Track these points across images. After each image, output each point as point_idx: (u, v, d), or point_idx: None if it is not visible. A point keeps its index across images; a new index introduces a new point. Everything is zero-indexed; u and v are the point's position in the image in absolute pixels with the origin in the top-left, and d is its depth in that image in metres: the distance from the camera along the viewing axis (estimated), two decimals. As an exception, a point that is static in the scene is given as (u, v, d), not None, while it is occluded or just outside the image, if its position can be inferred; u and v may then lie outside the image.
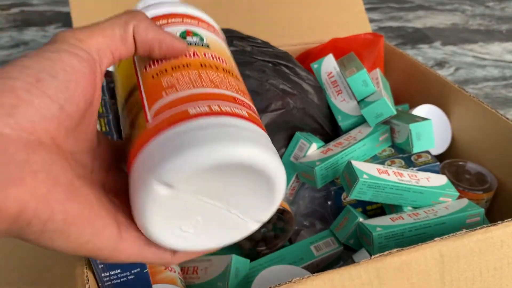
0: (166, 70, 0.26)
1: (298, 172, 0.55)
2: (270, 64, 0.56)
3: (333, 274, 0.33)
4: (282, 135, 0.56)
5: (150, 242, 0.24)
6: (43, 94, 0.20)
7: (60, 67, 0.21)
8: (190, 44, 0.28)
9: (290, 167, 0.56)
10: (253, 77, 0.53)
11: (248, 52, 0.56)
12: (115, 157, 0.27)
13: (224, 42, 0.32)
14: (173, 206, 0.23)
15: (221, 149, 0.22)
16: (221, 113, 0.23)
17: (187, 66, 0.26)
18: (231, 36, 0.57)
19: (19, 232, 0.19)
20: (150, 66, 0.26)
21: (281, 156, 0.57)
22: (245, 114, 0.25)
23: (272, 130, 0.54)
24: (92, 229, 0.21)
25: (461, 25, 1.45)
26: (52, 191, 0.19)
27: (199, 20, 0.32)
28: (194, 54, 0.27)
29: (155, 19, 0.30)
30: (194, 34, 0.29)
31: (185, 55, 0.27)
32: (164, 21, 0.29)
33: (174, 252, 0.26)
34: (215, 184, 0.23)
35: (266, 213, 0.27)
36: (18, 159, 0.18)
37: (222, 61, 0.28)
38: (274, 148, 0.25)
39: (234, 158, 0.22)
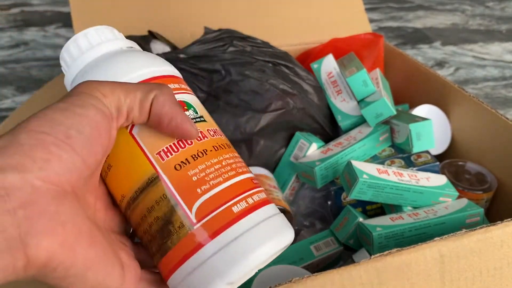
0: (188, 161, 0.26)
1: (298, 172, 0.55)
2: (270, 64, 0.56)
3: (333, 274, 0.33)
4: (282, 135, 0.56)
5: (145, 278, 0.26)
6: (71, 150, 0.21)
7: (87, 123, 0.22)
8: (193, 120, 0.28)
9: (290, 167, 0.56)
10: (253, 77, 0.53)
11: (248, 52, 0.56)
12: (109, 194, 0.28)
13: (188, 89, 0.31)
14: None
15: (273, 246, 0.25)
16: (256, 206, 0.26)
17: (205, 153, 0.26)
18: (231, 36, 0.57)
19: (44, 277, 0.20)
20: (166, 154, 0.26)
21: (281, 156, 0.57)
22: (264, 196, 0.28)
23: (272, 130, 0.54)
24: (106, 270, 0.22)
25: (461, 25, 1.45)
26: (78, 240, 0.21)
27: (178, 80, 0.30)
28: (203, 136, 0.27)
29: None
30: (188, 106, 0.29)
31: (196, 140, 0.27)
32: None
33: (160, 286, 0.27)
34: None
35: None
36: (50, 210, 0.19)
37: (220, 134, 0.29)
38: (284, 218, 0.28)
39: (281, 247, 0.26)
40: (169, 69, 0.30)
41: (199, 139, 0.27)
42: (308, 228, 0.55)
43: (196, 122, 0.28)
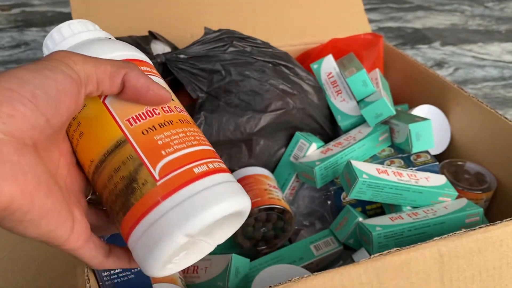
0: (154, 128, 0.28)
1: (298, 172, 0.55)
2: (270, 64, 0.56)
3: (333, 273, 0.33)
4: (282, 135, 0.56)
5: (93, 240, 0.28)
6: (35, 108, 0.23)
7: (54, 86, 0.24)
8: None
9: (290, 167, 0.56)
10: (253, 77, 0.53)
11: (248, 52, 0.56)
12: (73, 153, 0.30)
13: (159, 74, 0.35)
14: (180, 248, 0.26)
15: (232, 203, 0.27)
16: (216, 171, 0.28)
17: (171, 123, 0.29)
18: (231, 36, 0.57)
19: (2, 219, 0.22)
20: (135, 121, 0.28)
21: (280, 156, 0.57)
22: (224, 166, 0.30)
23: (272, 130, 0.55)
24: (58, 220, 0.24)
25: (460, 25, 1.45)
26: (36, 189, 0.22)
27: (149, 65, 0.33)
28: (169, 110, 0.30)
29: None
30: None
31: (163, 110, 0.29)
32: None
33: (107, 256, 0.29)
34: (214, 227, 0.28)
35: (226, 237, 0.32)
36: (12, 159, 0.21)
37: (184, 111, 0.32)
38: (242, 188, 0.30)
39: (237, 209, 0.27)
40: (142, 56, 0.33)
41: (166, 111, 0.29)
42: (308, 228, 0.55)
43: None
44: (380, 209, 0.54)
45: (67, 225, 0.25)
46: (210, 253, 0.50)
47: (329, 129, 0.60)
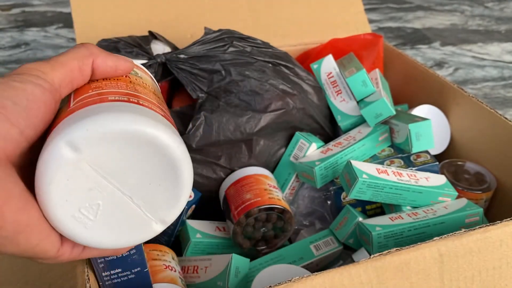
0: (97, 80, 0.30)
1: (298, 172, 0.55)
2: (270, 65, 0.56)
3: (333, 273, 0.33)
4: (282, 135, 0.56)
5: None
6: (5, 119, 0.22)
7: (23, 96, 0.23)
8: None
9: (290, 167, 0.56)
10: (253, 77, 0.53)
11: (248, 52, 0.56)
12: None
13: (153, 79, 0.37)
14: (75, 179, 0.23)
15: (126, 118, 0.24)
16: (138, 104, 0.26)
17: (117, 79, 0.30)
18: (231, 37, 0.57)
19: None
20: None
21: (280, 156, 0.57)
22: (160, 111, 0.28)
23: (272, 130, 0.55)
24: (39, 235, 0.23)
25: (460, 25, 1.45)
26: (6, 204, 0.21)
27: (137, 67, 0.36)
28: (125, 76, 0.31)
29: None
30: (133, 72, 0.34)
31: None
32: None
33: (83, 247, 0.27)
34: (121, 164, 0.24)
35: (171, 213, 0.27)
36: None
37: (148, 85, 0.33)
38: (181, 139, 0.26)
39: (138, 129, 0.24)
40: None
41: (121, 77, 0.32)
42: (308, 228, 0.55)
43: (130, 74, 0.32)
44: (380, 209, 0.54)
45: (53, 237, 0.24)
46: (210, 253, 0.50)
47: (329, 129, 0.60)
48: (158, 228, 0.27)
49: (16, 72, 0.25)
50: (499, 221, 0.38)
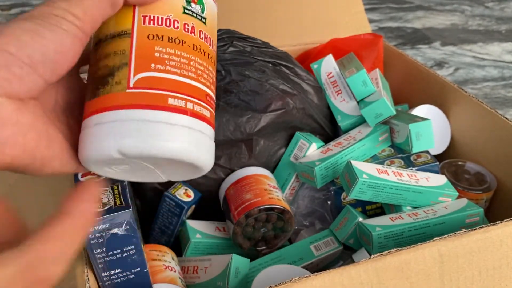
0: (162, 38, 0.27)
1: (298, 172, 0.55)
2: (270, 64, 0.56)
3: (333, 273, 0.33)
4: (282, 135, 0.56)
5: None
6: (33, 72, 0.23)
7: (53, 49, 0.23)
8: (192, 14, 0.28)
9: (290, 167, 0.56)
10: (253, 77, 0.53)
11: (248, 52, 0.56)
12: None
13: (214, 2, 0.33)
14: (118, 161, 0.26)
15: (178, 149, 0.25)
16: (192, 114, 0.26)
17: (182, 43, 0.27)
18: (231, 36, 0.57)
19: (8, 169, 0.24)
20: (150, 21, 0.27)
21: (280, 156, 0.57)
22: (207, 115, 0.28)
23: (272, 130, 0.55)
24: (61, 163, 0.26)
25: (460, 25, 1.45)
26: (37, 145, 0.24)
27: None
28: (191, 30, 0.28)
29: None
30: (199, 1, 0.30)
31: (184, 28, 0.28)
32: None
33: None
34: (162, 163, 0.27)
35: (179, 179, 0.31)
36: (11, 121, 0.22)
37: (210, 43, 0.30)
38: (210, 146, 0.28)
39: (185, 158, 0.26)
40: None
41: (187, 30, 0.28)
42: (308, 228, 0.55)
43: (195, 17, 0.29)
44: (380, 209, 0.54)
45: (71, 165, 0.26)
46: (210, 253, 0.50)
47: (329, 129, 0.60)
48: (164, 180, 0.31)
49: (47, 14, 0.24)
50: (499, 221, 0.38)
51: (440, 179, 0.50)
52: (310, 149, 0.55)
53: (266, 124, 0.53)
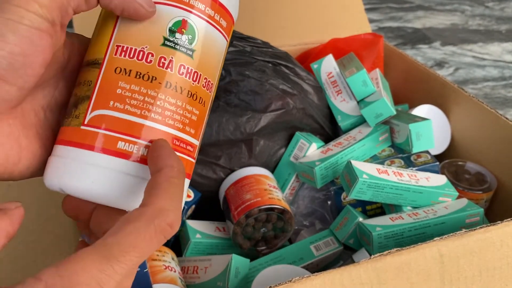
0: (130, 72, 0.25)
1: (298, 172, 0.55)
2: (270, 64, 0.56)
3: (333, 273, 0.33)
4: (282, 135, 0.56)
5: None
6: (3, 84, 0.21)
7: (19, 52, 0.21)
8: (174, 46, 0.25)
9: (290, 167, 0.56)
10: (253, 77, 0.53)
11: (248, 52, 0.56)
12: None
13: (226, 34, 0.29)
14: None
15: (105, 197, 0.24)
16: (141, 160, 0.25)
17: (152, 79, 0.25)
18: (231, 36, 0.57)
19: None
20: (121, 51, 0.25)
21: (281, 156, 0.57)
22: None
23: (272, 130, 0.54)
24: (29, 172, 0.26)
25: (460, 25, 1.45)
26: (7, 161, 0.24)
27: (215, 2, 0.27)
28: (168, 65, 0.25)
29: None
30: (188, 30, 0.26)
31: (158, 63, 0.25)
32: None
33: None
34: None
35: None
36: None
37: (196, 79, 0.26)
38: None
39: (109, 202, 0.25)
40: None
41: (161, 64, 0.25)
42: (308, 228, 0.55)
43: (178, 49, 0.26)
44: (380, 209, 0.54)
45: (42, 171, 0.26)
46: (210, 253, 0.50)
47: (329, 129, 0.60)
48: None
49: (7, 8, 0.21)
50: (499, 221, 0.38)
51: (440, 179, 0.50)
52: (310, 149, 0.55)
53: (266, 124, 0.53)
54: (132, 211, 0.22)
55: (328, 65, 0.61)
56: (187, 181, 0.28)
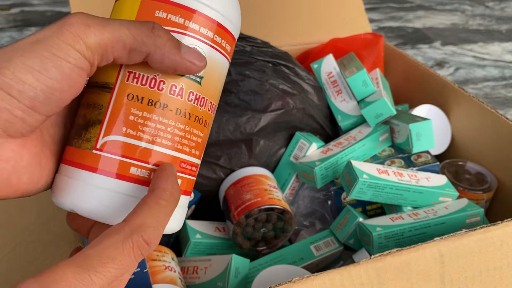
0: (142, 100, 0.25)
1: (298, 172, 0.55)
2: (270, 64, 0.56)
3: (333, 274, 0.33)
4: (282, 135, 0.56)
5: None
6: (35, 113, 0.22)
7: (58, 88, 0.22)
8: (184, 74, 0.26)
9: (290, 167, 0.56)
10: (253, 77, 0.53)
11: (248, 52, 0.56)
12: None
13: (229, 56, 0.29)
14: None
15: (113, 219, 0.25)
16: (147, 183, 0.26)
17: (163, 107, 0.26)
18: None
19: None
20: (133, 78, 0.25)
21: (281, 156, 0.57)
22: (179, 182, 0.27)
23: (272, 130, 0.54)
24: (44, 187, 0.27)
25: (461, 25, 1.45)
26: (28, 184, 0.25)
27: (217, 25, 0.27)
28: (179, 93, 0.26)
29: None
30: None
31: (170, 91, 0.26)
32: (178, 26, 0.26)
33: None
34: None
35: None
36: (10, 163, 0.23)
37: (203, 104, 0.27)
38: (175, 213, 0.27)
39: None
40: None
41: (172, 91, 0.26)
42: (308, 228, 0.55)
43: (188, 77, 0.26)
44: (380, 209, 0.54)
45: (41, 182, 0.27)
46: (210, 254, 0.50)
47: (329, 129, 0.60)
48: None
49: (56, 41, 0.22)
50: (500, 221, 0.38)
51: (440, 179, 0.49)
52: (310, 149, 0.55)
53: (266, 124, 0.53)
54: (113, 226, 0.22)
55: (328, 65, 0.61)
56: (187, 198, 0.28)
